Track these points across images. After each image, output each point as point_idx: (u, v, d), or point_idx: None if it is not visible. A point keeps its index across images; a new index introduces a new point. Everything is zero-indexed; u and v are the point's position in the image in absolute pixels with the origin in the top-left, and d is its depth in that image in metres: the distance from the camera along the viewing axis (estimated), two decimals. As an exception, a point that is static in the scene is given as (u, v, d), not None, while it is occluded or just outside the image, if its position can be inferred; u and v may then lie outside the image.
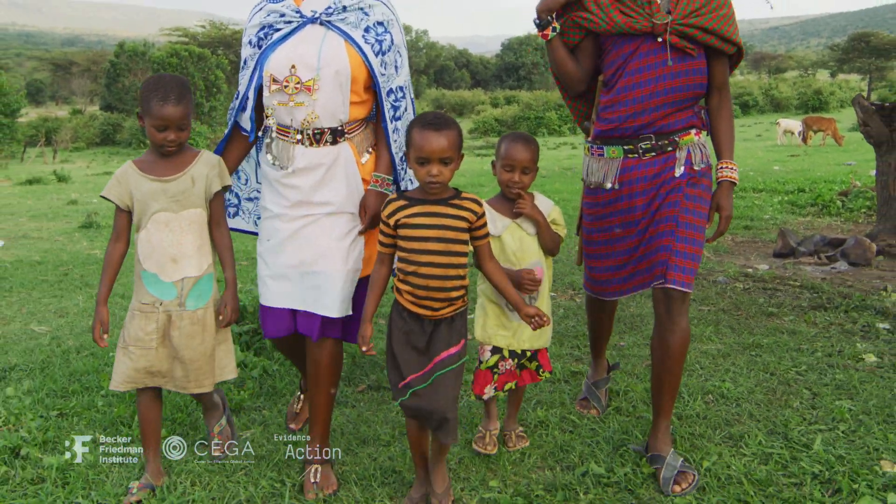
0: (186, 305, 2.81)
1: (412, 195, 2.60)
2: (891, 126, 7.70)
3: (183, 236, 2.81)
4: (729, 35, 2.93)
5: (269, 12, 2.90)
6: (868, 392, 3.58)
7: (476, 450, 3.07)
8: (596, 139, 3.11)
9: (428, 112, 2.59)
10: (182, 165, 2.83)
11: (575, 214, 10.65)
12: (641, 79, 2.92)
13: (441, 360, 2.56)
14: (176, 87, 2.73)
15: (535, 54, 79.32)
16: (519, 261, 2.99)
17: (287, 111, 2.83)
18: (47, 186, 18.61)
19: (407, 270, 2.55)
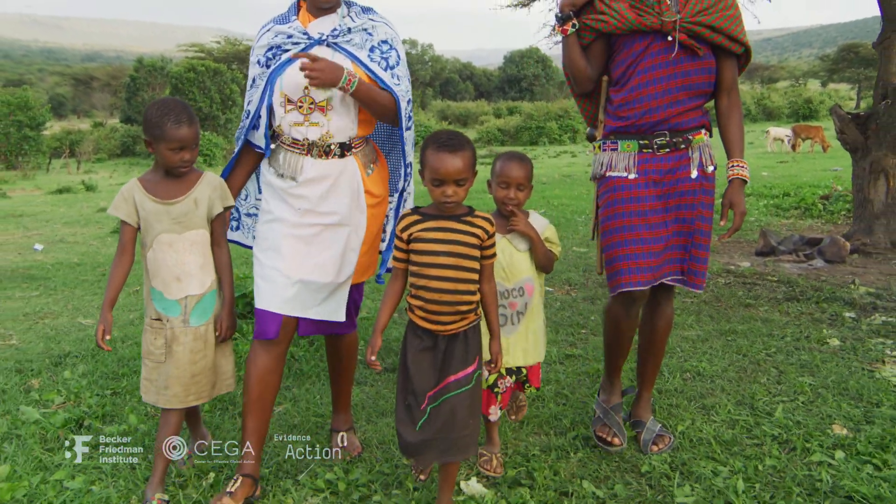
0: (190, 322, 2.80)
1: (426, 211, 2.56)
2: (865, 133, 7.97)
3: (186, 256, 2.79)
4: (737, 35, 2.92)
5: (276, 33, 2.90)
6: (828, 370, 3.89)
7: (483, 472, 2.99)
8: (609, 135, 3.06)
9: (442, 132, 2.54)
10: (185, 188, 2.81)
11: (573, 218, 10.94)
12: (654, 76, 2.90)
13: (456, 380, 2.49)
14: (185, 109, 2.75)
15: (535, 67, 79.34)
16: (509, 276, 2.95)
17: (301, 130, 2.84)
18: (76, 195, 19.02)
19: (418, 284, 2.51)
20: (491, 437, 3.05)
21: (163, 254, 2.75)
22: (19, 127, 39.34)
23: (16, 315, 5.94)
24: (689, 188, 2.96)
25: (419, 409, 2.47)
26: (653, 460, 2.97)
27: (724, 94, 3.04)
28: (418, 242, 2.50)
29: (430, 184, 2.49)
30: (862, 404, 3.43)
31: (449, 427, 2.45)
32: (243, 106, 3.01)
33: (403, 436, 2.50)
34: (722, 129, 3.06)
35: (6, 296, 6.75)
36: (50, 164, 40.10)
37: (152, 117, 2.71)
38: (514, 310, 2.94)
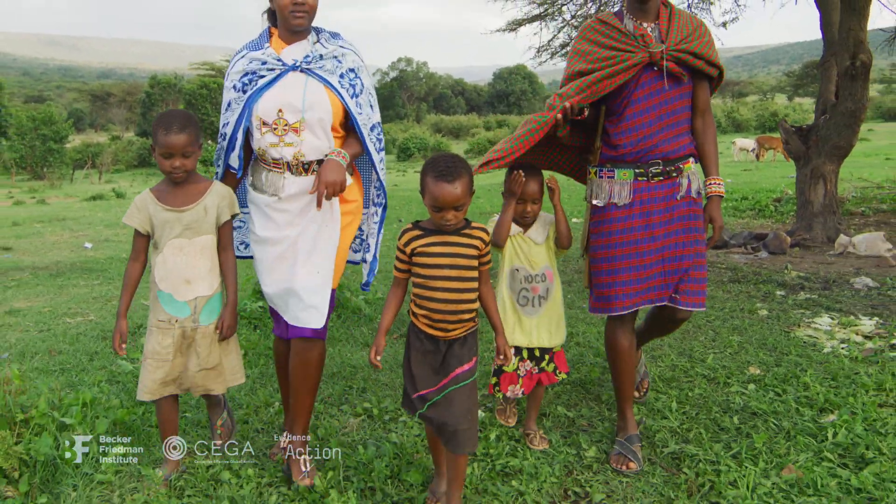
0: (200, 321, 2.81)
1: (426, 225, 2.56)
2: (806, 144, 8.59)
3: (196, 260, 2.80)
4: (714, 59, 2.95)
5: (251, 59, 2.85)
6: (754, 331, 4.60)
7: (499, 421, 3.20)
8: (605, 163, 3.03)
9: (440, 158, 2.50)
10: (195, 196, 2.82)
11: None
12: (647, 106, 2.90)
13: (455, 376, 2.51)
14: (179, 118, 2.75)
15: (523, 83, 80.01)
16: (532, 264, 3.06)
17: (277, 150, 2.82)
18: (109, 202, 19.58)
19: (423, 296, 2.52)
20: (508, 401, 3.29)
21: (173, 258, 2.77)
22: (44, 140, 39.83)
23: (86, 298, 6.59)
24: (681, 212, 2.95)
25: (417, 398, 2.53)
26: (610, 391, 3.66)
27: (699, 116, 3.04)
28: (421, 256, 2.51)
29: (431, 209, 2.49)
30: (775, 354, 4.14)
31: (449, 416, 2.47)
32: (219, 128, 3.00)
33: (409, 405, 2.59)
34: (699, 148, 3.04)
35: (73, 284, 7.40)
36: (73, 174, 40.59)
37: (153, 126, 2.77)
38: (537, 294, 3.06)
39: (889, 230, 8.65)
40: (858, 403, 3.32)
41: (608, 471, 2.88)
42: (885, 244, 7.55)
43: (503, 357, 2.62)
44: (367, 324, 5.13)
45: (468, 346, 2.56)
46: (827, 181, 8.36)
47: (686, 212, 2.95)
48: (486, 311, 2.65)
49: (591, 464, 2.94)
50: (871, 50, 8.37)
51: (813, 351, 4.17)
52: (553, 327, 3.07)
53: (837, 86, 8.43)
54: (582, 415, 3.43)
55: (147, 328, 2.84)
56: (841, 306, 5.19)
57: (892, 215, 9.77)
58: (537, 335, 3.04)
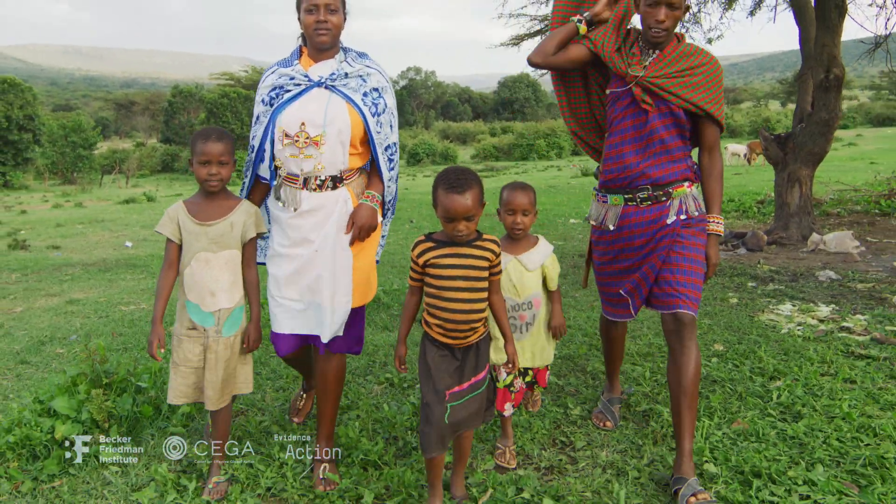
0: (223, 332, 2.81)
1: (438, 237, 2.55)
2: (784, 150, 8.99)
3: (220, 273, 2.80)
4: (698, 101, 2.85)
5: (280, 75, 2.89)
6: (722, 315, 5.06)
7: (498, 464, 3.04)
8: (601, 188, 3.09)
9: (451, 171, 2.52)
10: (224, 212, 2.83)
11: (554, 220, 12.11)
12: (628, 136, 2.93)
13: (473, 384, 2.56)
14: (217, 130, 2.83)
15: (526, 91, 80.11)
16: (520, 293, 2.99)
17: (297, 162, 2.83)
18: (141, 205, 20.11)
19: (436, 305, 2.52)
20: (505, 431, 3.11)
21: (200, 270, 2.77)
22: (74, 147, 40.52)
23: (135, 290, 7.11)
24: (668, 233, 2.91)
25: (440, 405, 2.49)
26: (594, 364, 4.13)
27: (705, 153, 2.99)
28: (434, 268, 2.51)
29: (443, 220, 2.48)
30: (738, 334, 4.60)
31: (464, 419, 2.55)
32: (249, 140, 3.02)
33: (426, 437, 2.51)
34: (703, 185, 3.00)
35: (121, 278, 7.92)
36: (102, 179, 41.23)
37: (193, 138, 2.84)
38: (524, 321, 3.02)
39: (860, 229, 9.07)
40: (802, 373, 3.78)
41: (590, 425, 3.35)
42: (853, 242, 7.97)
43: (511, 364, 2.70)
44: (386, 310, 5.60)
45: (481, 354, 2.59)
46: (802, 184, 8.71)
47: (672, 231, 2.89)
48: (497, 319, 2.68)
49: (575, 420, 3.42)
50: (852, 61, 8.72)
51: (772, 332, 4.63)
52: (538, 349, 3.05)
53: (813, 97, 8.78)
54: (570, 383, 3.90)
55: (174, 336, 2.83)
56: (804, 296, 5.63)
57: (865, 216, 10.16)
58: (521, 357, 3.00)
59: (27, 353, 4.88)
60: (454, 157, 45.29)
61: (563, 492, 2.74)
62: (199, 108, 53.69)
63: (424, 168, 38.78)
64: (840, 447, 2.97)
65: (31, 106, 37.88)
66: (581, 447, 3.14)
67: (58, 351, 4.97)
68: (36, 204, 21.97)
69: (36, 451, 3.09)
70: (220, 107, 46.29)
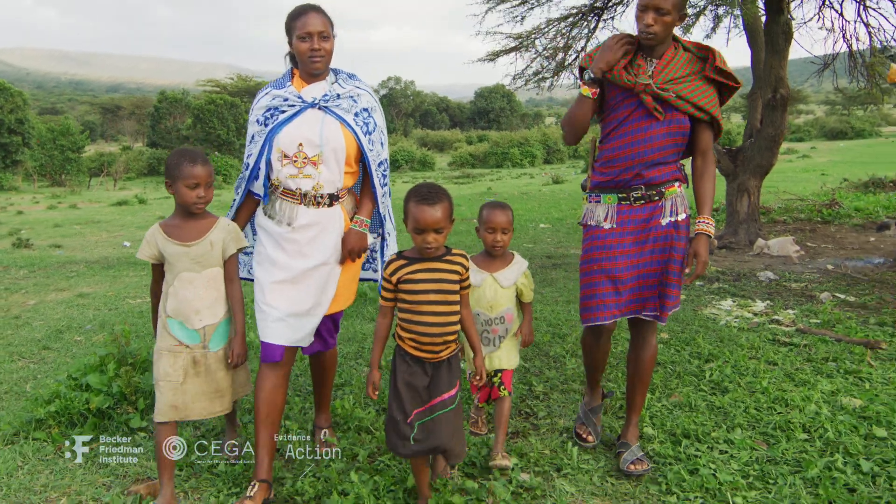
0: (210, 347, 2.79)
1: (409, 255, 2.55)
2: (735, 163, 9.48)
3: (204, 291, 2.77)
4: (703, 104, 2.87)
5: (274, 97, 2.88)
6: (671, 310, 5.51)
7: (472, 431, 3.28)
8: (594, 189, 3.05)
9: (422, 186, 2.51)
10: (202, 231, 2.79)
11: (526, 224, 12.52)
12: (633, 139, 2.89)
13: (442, 401, 2.50)
14: (200, 154, 2.77)
15: (501, 101, 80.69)
16: (493, 308, 3.05)
17: (296, 181, 2.83)
18: (133, 207, 20.19)
19: (410, 320, 2.50)
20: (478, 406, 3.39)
21: (184, 290, 2.74)
22: (62, 150, 40.28)
23: (139, 285, 7.41)
24: (662, 234, 2.92)
25: (406, 423, 2.47)
26: (555, 349, 4.57)
27: (698, 156, 2.99)
28: (407, 284, 2.49)
29: (413, 232, 2.48)
30: (682, 325, 5.08)
31: (437, 439, 2.47)
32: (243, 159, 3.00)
33: (393, 446, 2.53)
34: (695, 186, 3.00)
35: (124, 274, 8.20)
36: (90, 181, 41.01)
37: (172, 161, 2.75)
38: (496, 334, 3.11)
39: (802, 235, 9.63)
40: (733, 357, 4.26)
41: (551, 399, 3.79)
42: (794, 246, 8.52)
43: (479, 377, 2.73)
44: (373, 304, 5.99)
45: (452, 371, 2.56)
46: (751, 194, 9.19)
47: (666, 233, 2.92)
48: (466, 332, 2.70)
49: (538, 395, 3.86)
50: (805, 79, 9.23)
51: (711, 323, 5.11)
52: (505, 355, 3.15)
53: (762, 114, 9.32)
54: (535, 365, 4.34)
55: (155, 352, 2.80)
56: (744, 293, 6.13)
57: (808, 223, 10.75)
58: (490, 363, 3.12)
59: (48, 341, 5.21)
60: (432, 163, 45.69)
61: (527, 450, 3.16)
62: (185, 113, 53.50)
63: (403, 174, 39.14)
64: (757, 415, 3.43)
65: (21, 110, 37.66)
66: (542, 416, 3.57)
67: (76, 338, 5.30)
68: (26, 205, 21.98)
69: (73, 419, 3.46)
70: (206, 113, 46.20)
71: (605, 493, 2.81)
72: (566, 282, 6.88)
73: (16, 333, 5.47)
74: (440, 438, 2.47)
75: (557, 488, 2.83)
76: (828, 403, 3.52)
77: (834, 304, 5.56)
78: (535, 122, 78.69)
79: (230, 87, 59.08)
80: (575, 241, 9.62)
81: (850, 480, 2.77)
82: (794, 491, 2.72)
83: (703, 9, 9.26)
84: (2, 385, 4.25)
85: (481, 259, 3.11)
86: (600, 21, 9.97)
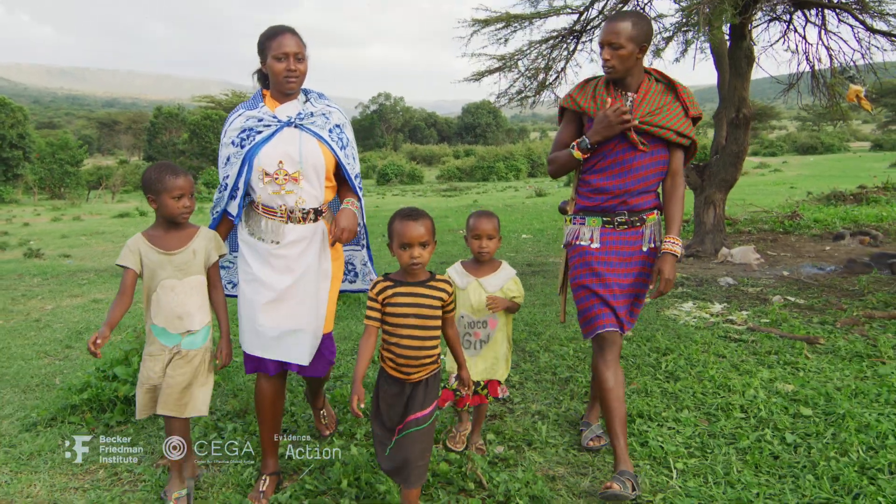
0: (182, 346, 2.79)
1: (396, 277, 2.56)
2: (702, 178, 9.92)
3: (187, 298, 2.78)
4: (684, 130, 2.94)
5: (248, 118, 2.85)
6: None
7: (449, 447, 3.26)
8: (579, 212, 3.09)
9: (405, 207, 2.58)
10: (185, 240, 2.80)
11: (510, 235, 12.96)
12: (617, 171, 2.94)
13: (416, 419, 2.53)
14: (177, 167, 2.79)
15: (487, 117, 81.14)
16: (476, 311, 3.12)
17: (279, 198, 2.82)
18: (135, 219, 20.44)
19: (390, 340, 2.53)
20: (461, 417, 3.41)
21: (166, 297, 2.75)
22: (61, 164, 40.41)
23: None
24: (640, 259, 3.00)
25: (389, 439, 2.55)
26: (531, 346, 4.96)
27: (669, 177, 3.03)
28: (391, 306, 2.52)
29: (399, 249, 2.49)
30: (645, 324, 5.49)
31: (408, 455, 2.50)
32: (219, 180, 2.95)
33: (378, 456, 2.62)
34: (665, 206, 3.03)
35: (134, 282, 8.52)
36: (89, 194, 41.12)
37: (152, 176, 2.74)
38: (478, 338, 3.17)
39: (763, 245, 10.08)
40: (687, 350, 4.67)
41: (526, 388, 4.18)
42: (755, 255, 8.97)
43: (465, 388, 2.84)
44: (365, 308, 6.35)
45: (429, 391, 2.58)
46: (716, 206, 9.59)
47: (645, 259, 3.01)
48: (452, 349, 2.78)
49: (514, 384, 4.24)
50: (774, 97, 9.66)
51: (671, 322, 5.53)
52: (489, 364, 3.19)
53: (726, 132, 9.76)
54: (513, 359, 4.69)
55: (143, 356, 2.84)
56: (704, 297, 6.55)
57: (771, 233, 11.21)
58: (474, 370, 3.17)
59: (69, 340, 5.55)
60: (421, 177, 46.06)
61: (503, 429, 3.54)
62: (181, 128, 53.71)
63: (393, 188, 39.53)
64: (702, 398, 3.84)
65: (21, 125, 37.82)
66: (517, 402, 3.96)
67: (94, 339, 5.64)
68: (28, 217, 22.18)
69: (104, 405, 3.81)
70: (202, 127, 46.45)
71: (567, 463, 3.20)
72: (543, 287, 7.28)
73: (39, 334, 5.81)
74: (411, 453, 2.51)
75: (528, 458, 3.23)
76: (765, 389, 3.94)
77: (782, 306, 6.01)
78: (520, 137, 79.23)
79: (225, 103, 59.29)
80: (554, 251, 10.03)
81: (775, 450, 3.19)
82: (728, 458, 3.13)
83: (672, 35, 9.71)
84: (34, 378, 4.60)
85: (470, 265, 3.20)
86: (579, 43, 10.34)
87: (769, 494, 2.79)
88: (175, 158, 48.11)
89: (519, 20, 10.24)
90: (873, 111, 11.67)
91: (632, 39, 2.86)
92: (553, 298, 6.54)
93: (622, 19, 2.88)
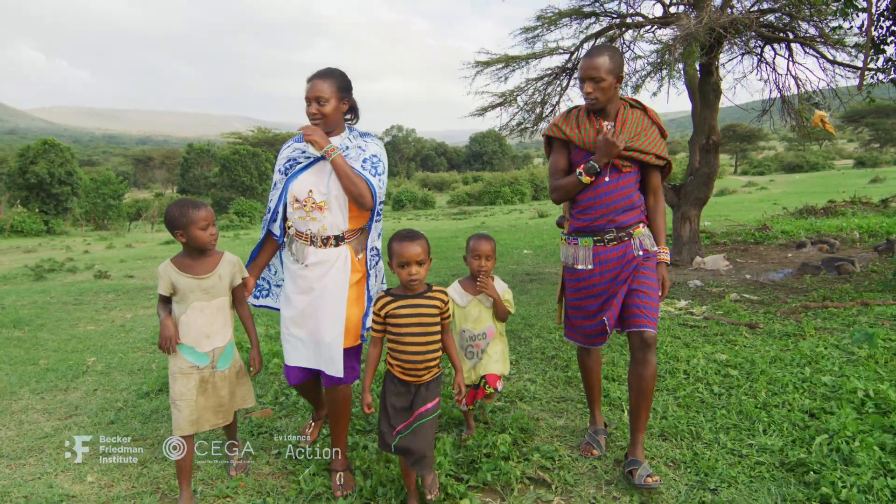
0: (218, 367, 2.88)
1: (396, 292, 2.62)
2: (678, 196, 10.66)
3: (214, 318, 2.85)
4: (661, 153, 3.04)
5: (294, 149, 3.00)
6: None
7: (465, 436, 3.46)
8: (572, 233, 3.15)
9: (402, 229, 2.62)
10: (211, 266, 2.86)
11: (512, 252, 13.81)
12: (605, 190, 3.00)
13: (421, 413, 2.61)
14: (197, 200, 2.87)
15: (493, 145, 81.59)
16: (476, 325, 3.24)
17: (305, 223, 2.92)
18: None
19: (396, 349, 2.59)
20: (468, 422, 3.53)
21: (195, 318, 2.81)
22: (104, 198, 41.79)
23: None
24: (635, 262, 3.04)
25: (391, 435, 2.63)
26: (526, 334, 5.80)
27: (651, 195, 3.14)
28: (393, 318, 2.58)
29: (398, 267, 2.56)
30: (620, 316, 6.31)
31: (415, 444, 2.60)
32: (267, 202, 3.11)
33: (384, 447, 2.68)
34: (651, 221, 3.14)
35: (192, 296, 9.40)
36: (130, 225, 42.37)
37: (175, 213, 2.78)
38: (479, 349, 3.29)
39: (735, 254, 10.82)
40: (650, 334, 5.50)
41: (519, 364, 5.03)
42: (724, 262, 9.76)
43: (459, 392, 2.85)
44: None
45: (432, 389, 2.67)
46: (691, 221, 10.25)
47: (640, 262, 3.05)
48: (449, 354, 2.80)
49: (511, 361, 5.09)
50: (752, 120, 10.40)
51: (642, 315, 6.35)
52: (491, 363, 3.29)
53: (699, 156, 10.43)
54: (510, 343, 5.59)
55: (170, 375, 2.86)
56: (673, 296, 7.37)
57: (743, 244, 11.95)
58: (475, 373, 3.32)
59: (153, 339, 6.44)
60: (433, 202, 46.85)
61: (502, 392, 4.38)
62: (211, 162, 54.94)
63: (408, 213, 40.38)
64: (656, 366, 4.68)
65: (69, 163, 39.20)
66: (512, 374, 4.81)
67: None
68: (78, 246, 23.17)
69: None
70: (232, 162, 47.67)
71: (549, 410, 4.04)
72: (539, 291, 8.12)
73: (127, 336, 6.71)
74: (418, 445, 2.61)
75: (518, 407, 4.08)
76: (705, 358, 4.77)
77: (736, 300, 6.83)
78: (524, 163, 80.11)
79: (251, 139, 60.59)
80: (551, 263, 10.84)
81: (703, 397, 4.03)
82: (666, 403, 3.97)
83: (650, 73, 10.52)
84: (134, 365, 5.49)
85: (468, 283, 3.31)
86: (571, 79, 11.07)
87: (691, 424, 3.63)
88: (207, 191, 49.43)
89: (517, 60, 10.96)
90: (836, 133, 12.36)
91: (610, 72, 2.95)
92: (545, 298, 7.38)
93: (599, 54, 2.95)
